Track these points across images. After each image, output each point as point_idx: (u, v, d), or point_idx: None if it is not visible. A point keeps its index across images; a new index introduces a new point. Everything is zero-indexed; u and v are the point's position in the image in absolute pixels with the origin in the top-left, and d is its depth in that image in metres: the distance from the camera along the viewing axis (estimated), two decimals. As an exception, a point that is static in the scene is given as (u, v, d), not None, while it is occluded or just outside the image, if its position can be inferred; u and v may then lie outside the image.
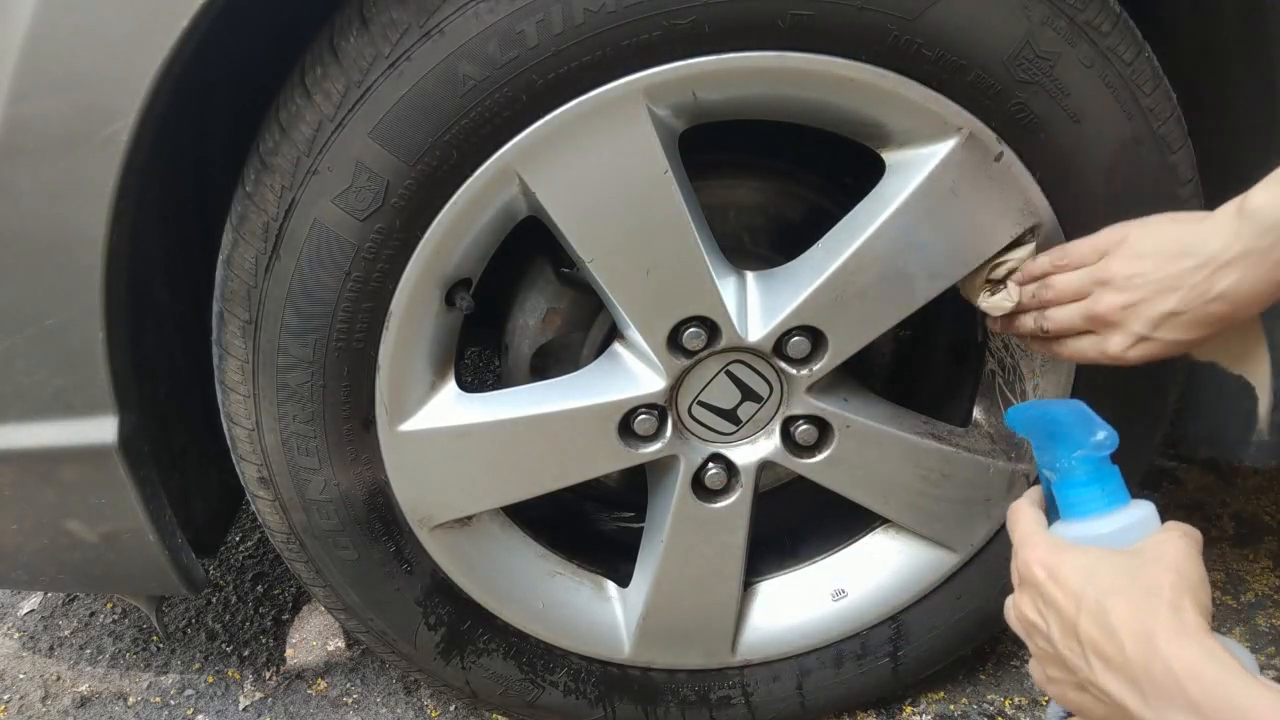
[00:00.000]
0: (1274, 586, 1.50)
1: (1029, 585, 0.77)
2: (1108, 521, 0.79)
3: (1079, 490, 0.80)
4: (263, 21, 0.95)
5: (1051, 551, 0.76)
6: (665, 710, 1.25)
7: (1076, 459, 0.80)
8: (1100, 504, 0.79)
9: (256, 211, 0.95)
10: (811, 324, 1.02)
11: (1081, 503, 0.80)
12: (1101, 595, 0.70)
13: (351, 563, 1.11)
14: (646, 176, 0.94)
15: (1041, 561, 0.76)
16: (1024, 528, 0.81)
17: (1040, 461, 0.85)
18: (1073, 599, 0.72)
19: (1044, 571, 0.75)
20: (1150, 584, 0.69)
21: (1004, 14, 0.90)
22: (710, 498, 1.13)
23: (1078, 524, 0.80)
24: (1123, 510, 0.79)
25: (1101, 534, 0.78)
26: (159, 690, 1.41)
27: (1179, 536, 0.74)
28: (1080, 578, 0.72)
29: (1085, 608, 0.71)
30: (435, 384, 1.05)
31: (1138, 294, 0.86)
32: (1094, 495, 0.80)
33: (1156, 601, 0.68)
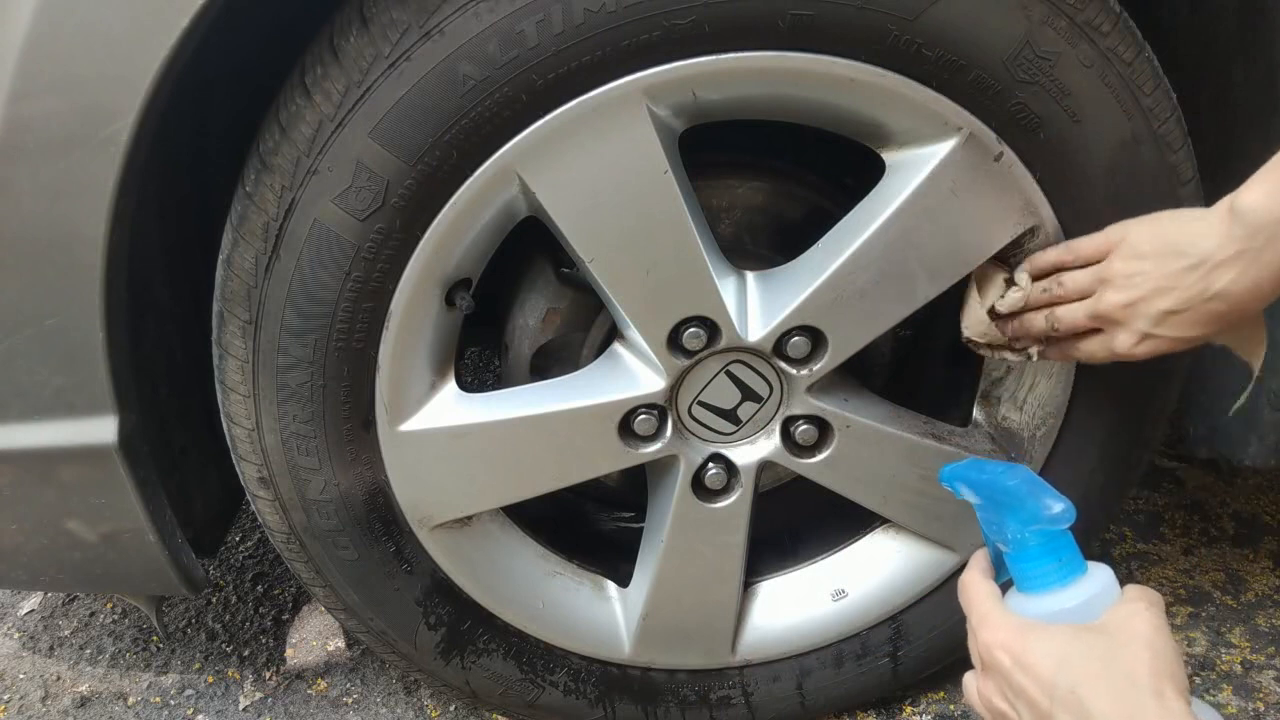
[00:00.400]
0: (1274, 586, 1.51)
1: (994, 672, 0.74)
2: (1068, 594, 0.76)
3: (1034, 564, 0.77)
4: (263, 21, 0.95)
5: (1016, 635, 0.73)
6: (665, 710, 1.25)
7: (1031, 533, 0.77)
8: (1058, 576, 0.76)
9: (256, 211, 0.95)
10: (811, 324, 1.02)
11: (1038, 576, 0.77)
12: (1075, 683, 0.67)
13: (351, 563, 1.11)
14: (646, 176, 0.94)
15: (1005, 646, 0.73)
16: (980, 606, 0.78)
17: (986, 527, 0.82)
18: (1045, 690, 0.69)
19: (1009, 658, 0.72)
20: (1127, 669, 0.67)
21: (1004, 14, 0.90)
22: (710, 498, 1.12)
23: (1037, 599, 0.77)
24: (1082, 581, 0.76)
25: (1064, 609, 0.75)
26: (159, 690, 1.41)
27: (1145, 608, 0.72)
28: (1051, 665, 0.70)
29: (1058, 698, 0.68)
30: (435, 384, 1.05)
31: (1137, 292, 0.86)
32: (1050, 568, 0.77)
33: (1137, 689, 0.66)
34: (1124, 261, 0.88)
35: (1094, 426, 1.12)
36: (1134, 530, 1.63)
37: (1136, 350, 0.89)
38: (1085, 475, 1.15)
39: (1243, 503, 1.69)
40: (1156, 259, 0.85)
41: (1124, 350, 0.89)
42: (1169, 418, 1.17)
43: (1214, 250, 0.81)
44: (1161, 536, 1.62)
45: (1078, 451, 1.13)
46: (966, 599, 0.81)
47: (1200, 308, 0.83)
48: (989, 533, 0.83)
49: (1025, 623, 0.74)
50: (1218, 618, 1.45)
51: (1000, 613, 0.76)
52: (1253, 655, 1.38)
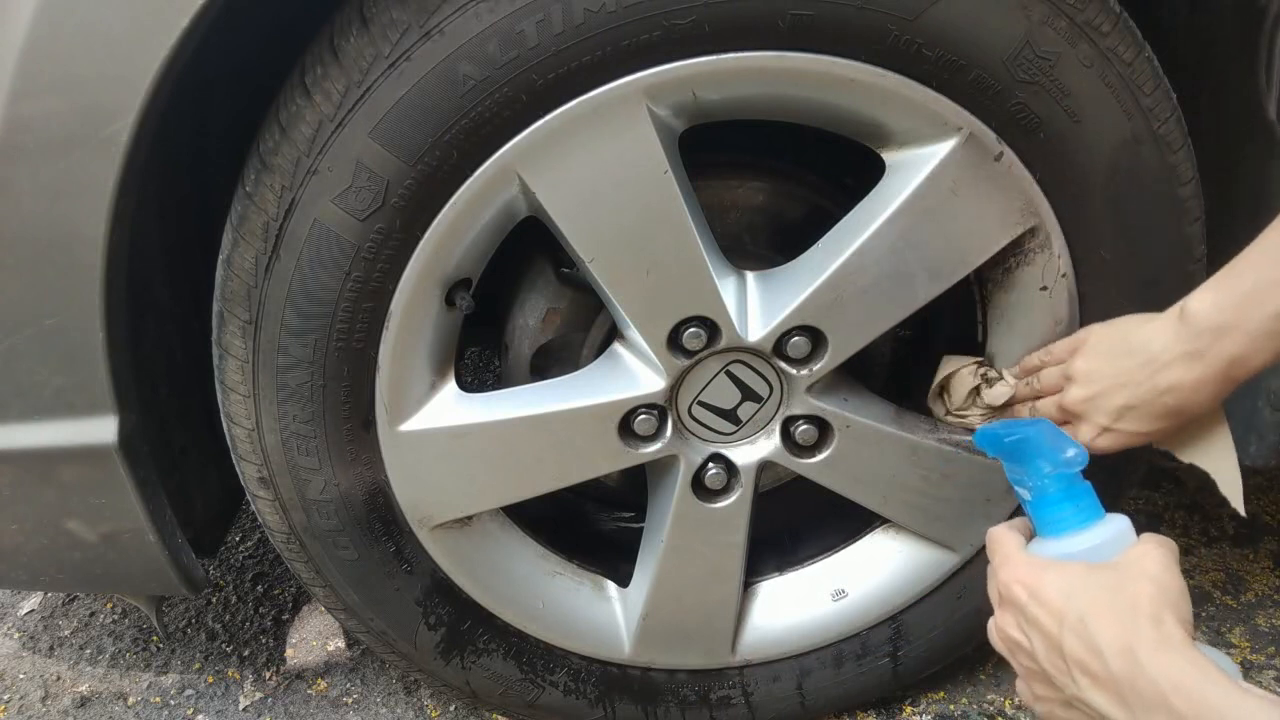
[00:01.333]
0: (1274, 586, 1.51)
1: (1011, 605, 0.78)
2: (1084, 538, 0.80)
3: (1053, 508, 0.81)
4: (263, 21, 0.95)
5: (1031, 571, 0.78)
6: (665, 710, 1.25)
7: (1049, 477, 0.82)
8: (1075, 520, 0.81)
9: (256, 211, 0.95)
10: (811, 324, 1.02)
11: (1057, 520, 0.81)
12: (1083, 611, 0.71)
13: (351, 563, 1.11)
14: (646, 176, 0.94)
15: (1021, 581, 0.77)
16: (1003, 549, 0.82)
17: (1013, 481, 0.86)
18: (1055, 617, 0.73)
19: (1025, 591, 0.77)
20: (1131, 598, 0.71)
21: (1004, 14, 0.90)
22: (710, 498, 1.12)
23: (1054, 542, 0.81)
24: (1098, 525, 0.80)
25: (1079, 550, 0.79)
26: (159, 690, 1.41)
27: (1155, 548, 0.75)
28: (1061, 595, 0.74)
29: (1068, 625, 0.72)
30: (435, 384, 1.05)
31: (1096, 388, 0.93)
32: (1068, 512, 0.81)
33: (1138, 615, 0.69)
34: (1085, 359, 0.95)
35: (1094, 426, 1.12)
36: (1134, 530, 1.63)
37: (1098, 442, 0.94)
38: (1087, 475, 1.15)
39: (1243, 503, 1.69)
40: (1112, 357, 0.92)
41: (1087, 441, 0.94)
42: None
43: (1162, 350, 0.87)
44: (1161, 536, 1.62)
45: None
46: (992, 544, 0.85)
47: (1153, 402, 0.89)
48: (1015, 485, 0.86)
49: (1042, 561, 0.79)
50: (1218, 618, 1.45)
51: (1020, 553, 0.81)
52: (1253, 655, 1.38)
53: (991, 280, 1.08)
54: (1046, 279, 1.04)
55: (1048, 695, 0.76)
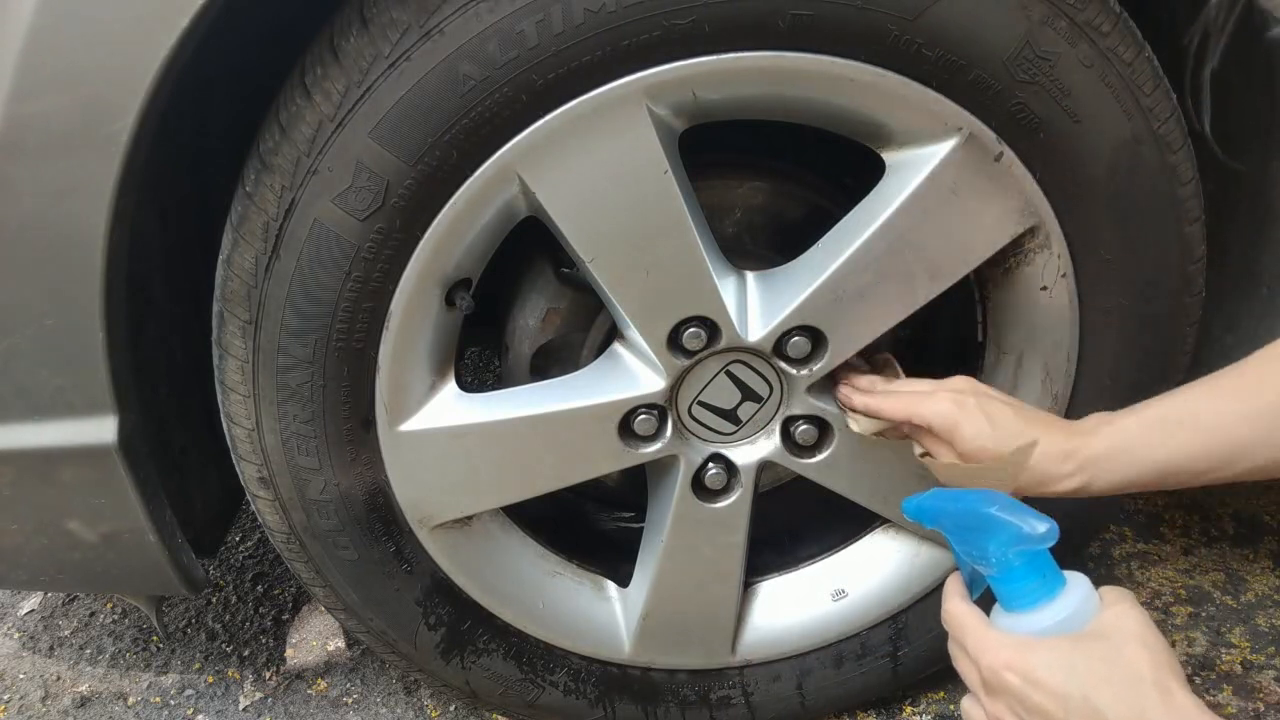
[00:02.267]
0: (1274, 586, 1.51)
1: (1003, 693, 0.75)
2: (1057, 608, 0.77)
3: (1021, 583, 0.78)
4: (263, 21, 0.95)
5: (1018, 654, 0.74)
6: (665, 710, 1.25)
7: (1015, 554, 0.78)
8: (1044, 592, 0.77)
9: (256, 211, 0.95)
10: (811, 324, 1.02)
11: (1025, 594, 0.78)
12: (1088, 692, 0.69)
13: (351, 563, 1.11)
14: (646, 176, 0.94)
15: (1011, 667, 0.74)
16: (974, 632, 0.79)
17: (962, 552, 0.83)
18: (1059, 701, 0.71)
19: (1018, 678, 0.73)
20: (1129, 668, 0.70)
21: (1004, 14, 0.90)
22: (710, 498, 1.12)
23: (1027, 617, 0.78)
24: (1066, 592, 0.77)
25: (1055, 622, 0.76)
26: (159, 690, 1.41)
27: (1128, 605, 0.74)
28: (1060, 676, 0.71)
29: (1074, 708, 0.70)
30: (435, 384, 1.05)
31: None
32: (1036, 585, 0.78)
33: (1145, 688, 0.68)
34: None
35: (1094, 426, 1.12)
36: (1134, 530, 1.63)
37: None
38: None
39: (1243, 503, 1.69)
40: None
41: None
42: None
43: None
44: (1161, 536, 1.62)
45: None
46: (956, 626, 0.82)
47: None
48: (965, 556, 0.84)
49: (1024, 640, 0.75)
50: (1218, 618, 1.45)
51: (996, 634, 0.78)
52: (1253, 655, 1.38)
53: (991, 280, 1.08)
54: (1046, 279, 1.04)
55: None
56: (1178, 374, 1.12)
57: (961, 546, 0.83)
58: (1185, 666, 1.36)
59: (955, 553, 0.85)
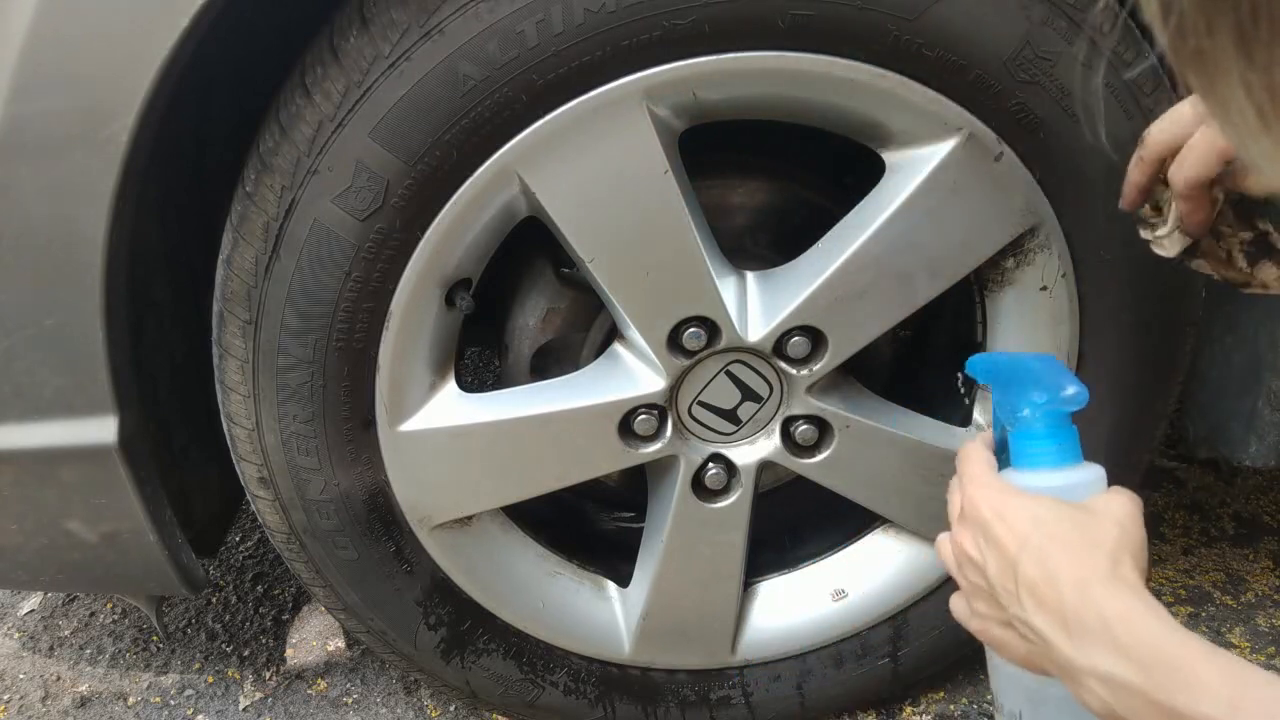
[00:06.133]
0: (1274, 586, 1.50)
1: (973, 522, 0.78)
2: (1059, 476, 0.80)
3: (1036, 442, 0.81)
4: (263, 21, 0.95)
5: (1001, 494, 0.78)
6: (665, 710, 1.25)
7: (1040, 412, 0.81)
8: (1054, 458, 0.81)
9: (256, 211, 0.95)
10: (811, 324, 1.02)
11: (1036, 455, 0.81)
12: (1046, 540, 0.72)
13: (351, 563, 1.11)
14: (646, 176, 0.94)
15: (989, 502, 0.78)
16: (975, 468, 0.82)
17: (999, 409, 0.86)
18: (1018, 540, 0.74)
19: (991, 511, 0.77)
20: (1094, 537, 0.72)
21: (1004, 14, 0.90)
22: (710, 498, 1.12)
23: (1029, 474, 0.81)
24: (1075, 468, 0.81)
25: (1051, 486, 0.79)
26: (159, 690, 1.41)
27: (1126, 499, 0.76)
28: (1027, 522, 0.74)
29: (1028, 549, 0.72)
30: (435, 384, 1.05)
31: None
32: (1049, 449, 0.81)
33: (1098, 553, 0.71)
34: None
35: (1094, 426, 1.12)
36: (1134, 530, 1.63)
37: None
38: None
39: (1243, 503, 1.68)
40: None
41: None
42: (1169, 418, 1.17)
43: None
44: (1161, 536, 1.61)
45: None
46: (962, 459, 0.84)
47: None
48: (1000, 415, 0.86)
49: (1012, 488, 0.79)
50: (1218, 618, 1.45)
51: (992, 475, 0.81)
52: (1253, 655, 1.38)
53: (991, 280, 1.08)
54: (1046, 279, 1.04)
55: (988, 614, 0.77)
56: (1178, 374, 1.12)
57: (999, 403, 0.85)
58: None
59: (995, 412, 0.86)
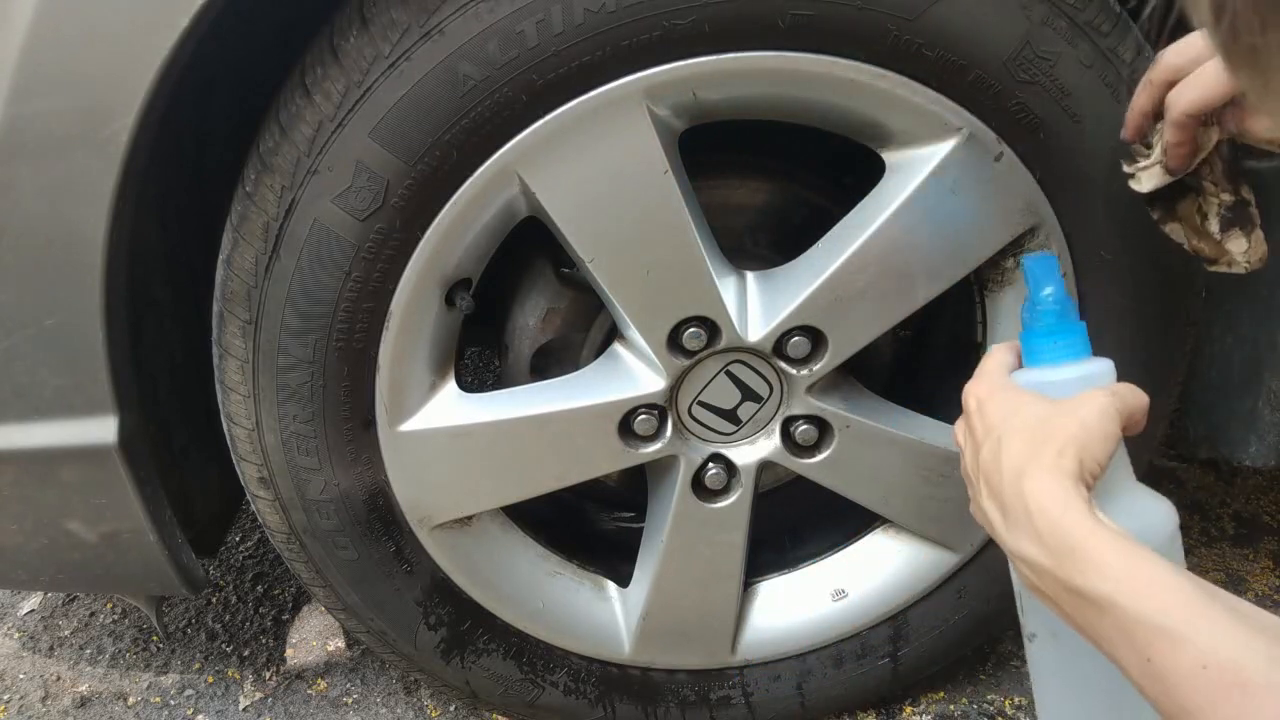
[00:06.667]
0: (1274, 586, 1.50)
1: (966, 412, 0.84)
2: (1053, 372, 0.83)
3: (1038, 339, 0.84)
4: (263, 21, 0.95)
5: (989, 388, 0.83)
6: (665, 710, 1.25)
7: (1038, 310, 0.84)
8: (1053, 355, 0.84)
9: (256, 211, 0.95)
10: (811, 324, 1.02)
11: (1038, 352, 0.85)
12: (1007, 431, 0.76)
13: (351, 563, 1.11)
14: (646, 176, 0.94)
15: (977, 394, 0.83)
16: (987, 364, 0.87)
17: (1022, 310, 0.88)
18: (986, 430, 0.79)
19: (977, 403, 0.82)
20: (1050, 430, 0.74)
21: (1004, 14, 0.90)
22: (710, 498, 1.12)
23: (1030, 371, 0.85)
24: (1074, 364, 0.83)
25: (1043, 381, 0.82)
26: (159, 690, 1.41)
27: (1105, 395, 0.78)
28: (1000, 414, 0.79)
29: (989, 439, 0.78)
30: (435, 384, 1.05)
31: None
32: (1048, 346, 0.84)
33: (1045, 445, 0.73)
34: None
35: (1094, 426, 1.12)
36: (1134, 530, 1.63)
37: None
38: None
39: (1243, 503, 1.69)
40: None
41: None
42: (1169, 418, 1.17)
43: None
44: (1161, 536, 1.61)
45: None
46: (984, 358, 0.88)
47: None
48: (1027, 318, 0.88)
49: (1005, 383, 0.83)
50: (1218, 618, 1.45)
51: (997, 372, 0.85)
52: (1253, 655, 1.38)
53: (991, 280, 1.08)
54: (1046, 279, 1.04)
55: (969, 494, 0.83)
56: (1177, 375, 1.12)
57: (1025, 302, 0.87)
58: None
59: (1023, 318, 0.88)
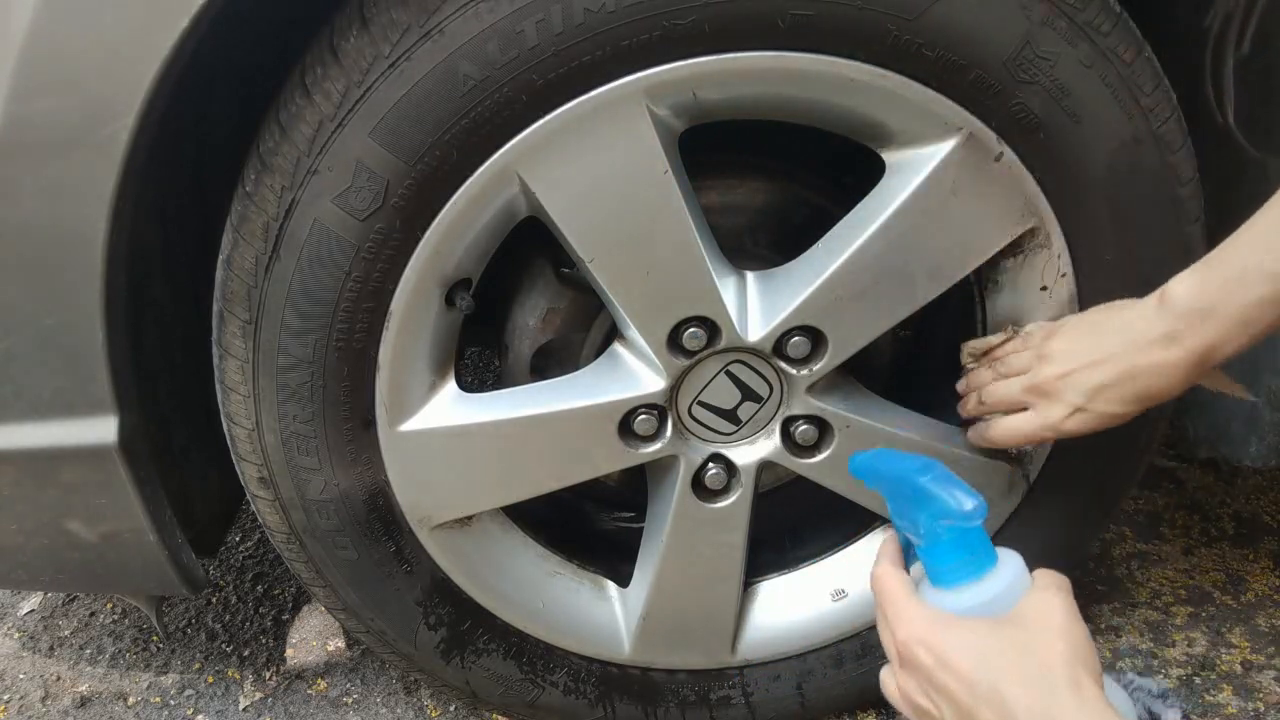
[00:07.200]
0: (1274, 586, 1.50)
1: (915, 669, 0.74)
2: (983, 589, 0.76)
3: (949, 558, 0.77)
4: (263, 21, 0.95)
5: (933, 630, 0.74)
6: (665, 710, 1.25)
7: (944, 527, 0.76)
8: (972, 570, 0.76)
9: (256, 211, 0.95)
10: (811, 324, 1.02)
11: (952, 570, 0.77)
12: (996, 679, 0.69)
13: (351, 563, 1.11)
14: (646, 176, 0.94)
15: (924, 642, 0.74)
16: (896, 600, 0.78)
17: (896, 517, 0.82)
18: (966, 685, 0.70)
19: (930, 655, 0.73)
20: (1044, 661, 0.69)
21: (1004, 14, 0.90)
22: (710, 498, 1.12)
23: (952, 593, 0.77)
24: (995, 573, 0.76)
25: (979, 603, 0.75)
26: (159, 690, 1.41)
27: (1055, 593, 0.74)
28: (971, 661, 0.71)
29: (981, 695, 0.69)
30: (435, 384, 1.05)
31: (1071, 365, 0.92)
32: (964, 561, 0.76)
33: (1054, 681, 0.68)
34: (1062, 339, 0.95)
35: (1094, 426, 1.12)
36: (1134, 530, 1.63)
37: (1068, 423, 0.93)
38: (1085, 475, 1.15)
39: (1243, 503, 1.69)
40: (1092, 336, 0.92)
41: (1055, 422, 0.94)
42: (1169, 418, 1.17)
43: (1143, 331, 0.87)
44: (1161, 536, 1.62)
45: (1078, 451, 1.13)
46: (880, 591, 0.81)
47: (1129, 382, 0.89)
48: (899, 523, 0.83)
49: (943, 617, 0.75)
50: (1218, 618, 1.45)
51: (916, 607, 0.77)
52: (1253, 655, 1.38)
53: (991, 280, 1.08)
54: (1046, 279, 1.04)
55: None
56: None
57: (896, 512, 0.82)
58: (1185, 666, 1.36)
59: (892, 518, 0.84)
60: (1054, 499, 1.12)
